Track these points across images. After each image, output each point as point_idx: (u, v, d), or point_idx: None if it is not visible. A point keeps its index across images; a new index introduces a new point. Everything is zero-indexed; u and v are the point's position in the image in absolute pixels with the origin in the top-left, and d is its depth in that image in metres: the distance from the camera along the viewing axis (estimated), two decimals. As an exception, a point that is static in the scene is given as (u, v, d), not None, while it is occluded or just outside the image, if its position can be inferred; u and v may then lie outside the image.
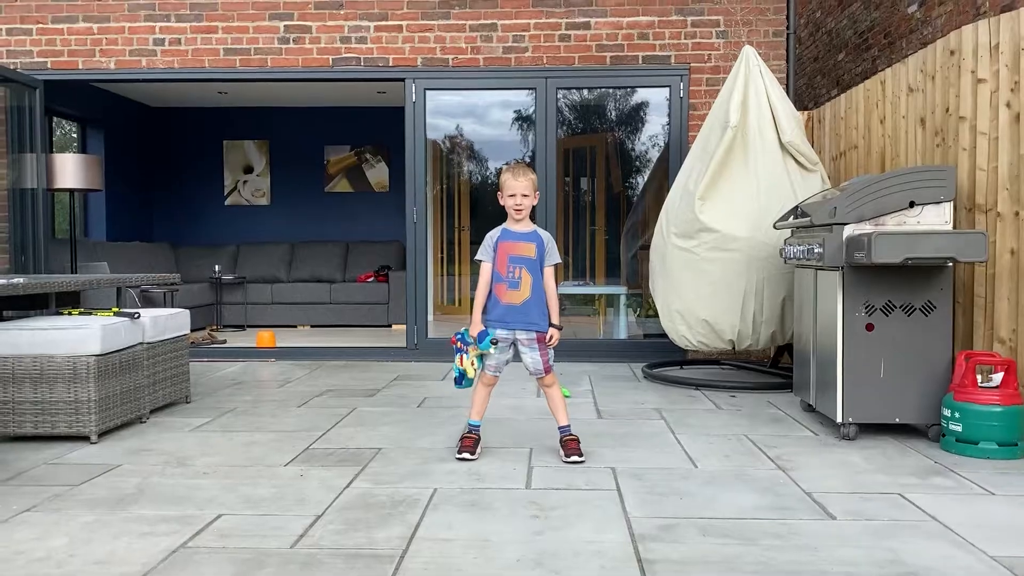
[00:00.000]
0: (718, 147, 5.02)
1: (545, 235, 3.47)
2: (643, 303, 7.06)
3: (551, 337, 3.41)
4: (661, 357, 6.25)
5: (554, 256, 3.44)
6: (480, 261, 3.48)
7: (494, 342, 3.39)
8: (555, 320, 3.42)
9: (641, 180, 7.36)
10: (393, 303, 8.68)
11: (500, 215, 3.52)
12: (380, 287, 8.85)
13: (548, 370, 3.45)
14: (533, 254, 3.41)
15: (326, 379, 5.58)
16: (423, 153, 6.52)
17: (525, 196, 3.40)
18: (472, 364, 3.41)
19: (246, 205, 9.91)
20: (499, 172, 3.52)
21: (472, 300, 3.49)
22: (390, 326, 8.71)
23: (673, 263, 5.14)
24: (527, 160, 6.82)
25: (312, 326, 8.85)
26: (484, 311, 3.45)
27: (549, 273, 3.44)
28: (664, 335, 5.62)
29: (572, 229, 8.37)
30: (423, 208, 6.53)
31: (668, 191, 5.66)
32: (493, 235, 3.47)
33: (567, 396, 3.57)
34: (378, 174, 9.83)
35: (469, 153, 8.33)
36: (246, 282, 8.90)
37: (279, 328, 8.59)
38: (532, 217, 3.56)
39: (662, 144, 6.76)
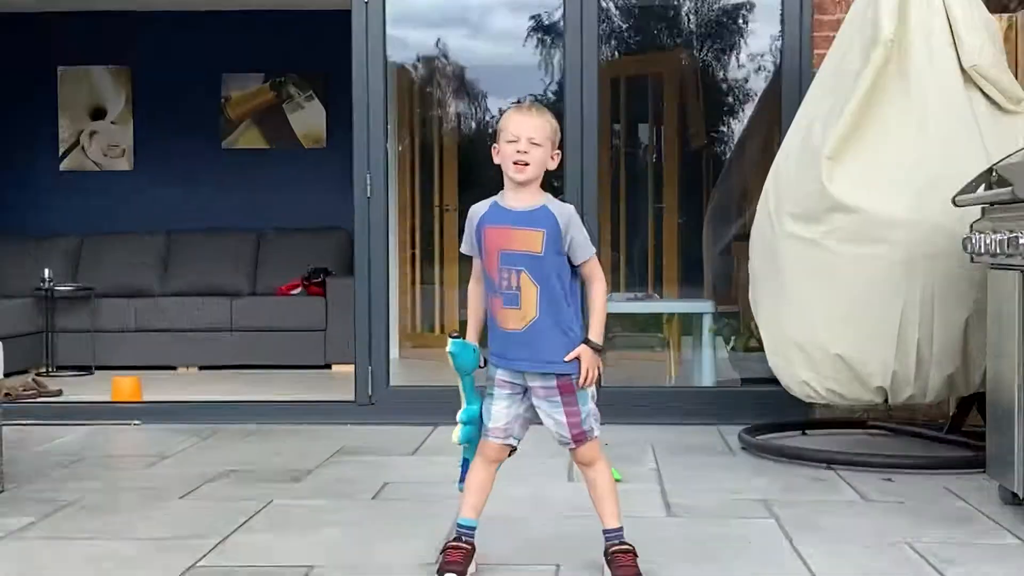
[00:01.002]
0: (860, 76, 5.02)
1: (562, 211, 3.33)
2: (739, 328, 7.06)
3: (583, 376, 3.28)
4: (769, 416, 6.23)
5: (583, 247, 3.34)
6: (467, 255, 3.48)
7: (482, 365, 3.40)
8: (593, 335, 3.30)
9: (737, 129, 7.37)
10: (333, 329, 8.70)
11: (501, 186, 3.49)
12: (313, 303, 8.90)
13: (582, 437, 3.39)
14: (539, 247, 3.30)
15: (225, 454, 5.61)
16: (381, 86, 6.53)
17: (535, 144, 3.32)
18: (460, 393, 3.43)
19: (95, 171, 10.00)
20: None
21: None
22: (329, 366, 8.74)
23: (787, 264, 5.14)
24: (549, 100, 6.84)
25: (202, 368, 8.89)
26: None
27: (590, 273, 3.36)
28: (774, 380, 5.61)
29: (624, 208, 8.37)
30: (382, 175, 6.54)
31: (778, 147, 5.67)
32: (476, 213, 3.40)
33: (618, 480, 3.57)
34: (308, 119, 9.90)
35: (457, 85, 8.34)
36: (94, 296, 8.94)
37: (148, 371, 8.56)
38: (553, 187, 3.54)
39: (769, 70, 6.79)
